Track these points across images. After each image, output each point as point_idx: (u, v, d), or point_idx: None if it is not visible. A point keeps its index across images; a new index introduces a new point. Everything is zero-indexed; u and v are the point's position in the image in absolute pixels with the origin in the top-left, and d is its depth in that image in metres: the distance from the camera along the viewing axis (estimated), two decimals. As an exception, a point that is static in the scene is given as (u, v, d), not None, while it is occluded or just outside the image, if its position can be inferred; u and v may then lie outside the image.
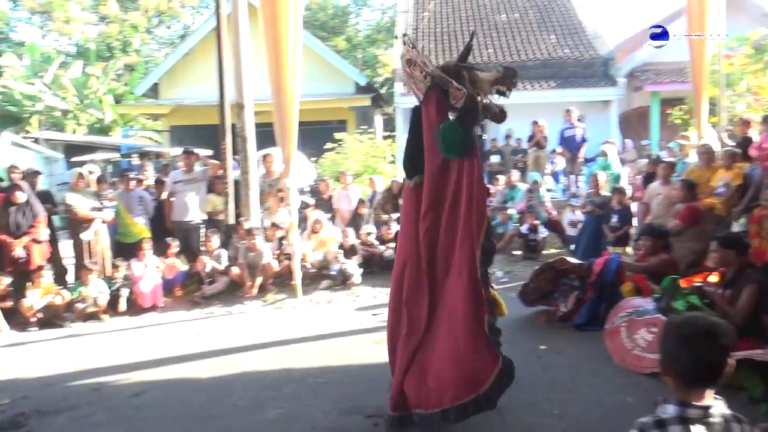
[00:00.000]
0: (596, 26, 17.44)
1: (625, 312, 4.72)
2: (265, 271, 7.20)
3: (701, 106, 7.55)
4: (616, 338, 4.58)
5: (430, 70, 3.33)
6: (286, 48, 6.18)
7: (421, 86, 3.50)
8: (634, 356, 4.31)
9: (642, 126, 16.32)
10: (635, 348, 4.37)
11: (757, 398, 3.53)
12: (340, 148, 11.74)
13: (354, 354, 4.83)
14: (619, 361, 4.36)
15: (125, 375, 4.64)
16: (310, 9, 30.14)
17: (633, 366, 4.23)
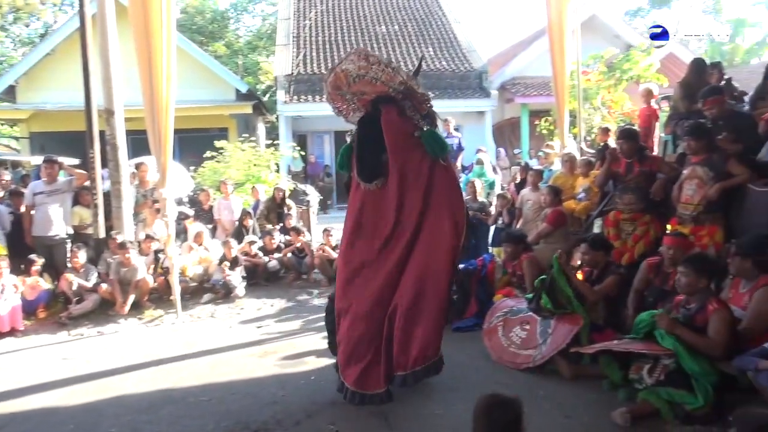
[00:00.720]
0: (470, 41, 18.36)
1: (501, 312, 4.99)
2: (140, 288, 6.80)
3: (563, 117, 8.18)
4: (493, 337, 4.83)
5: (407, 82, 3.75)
6: (159, 51, 5.91)
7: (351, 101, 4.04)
8: (510, 353, 4.57)
9: (514, 135, 17.43)
10: (511, 345, 4.64)
11: (616, 384, 3.87)
12: (220, 157, 11.37)
13: (238, 369, 4.69)
14: (496, 359, 4.59)
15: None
16: (187, 12, 29.03)
17: (509, 363, 4.48)
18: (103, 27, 7.01)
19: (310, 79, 16.17)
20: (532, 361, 4.36)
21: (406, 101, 3.87)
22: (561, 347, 4.27)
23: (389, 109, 3.85)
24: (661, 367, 3.55)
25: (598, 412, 3.60)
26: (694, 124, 5.06)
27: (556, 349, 4.28)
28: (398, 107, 3.86)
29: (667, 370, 3.51)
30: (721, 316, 3.57)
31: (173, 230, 6.55)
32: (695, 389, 3.35)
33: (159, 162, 6.30)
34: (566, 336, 4.30)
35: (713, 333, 3.53)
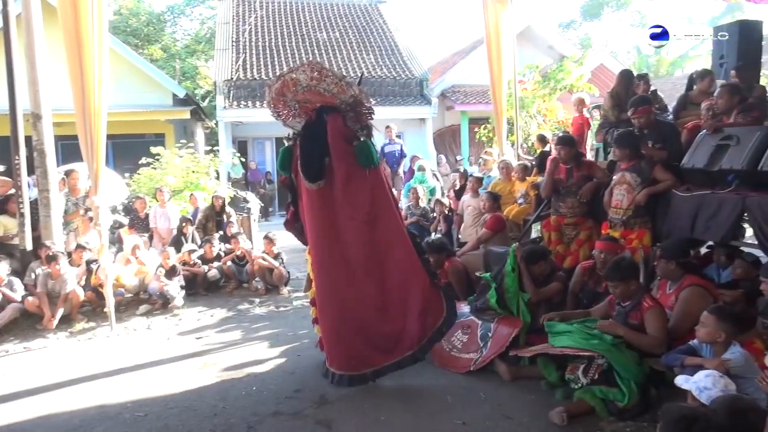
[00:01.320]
0: (411, 48, 18.58)
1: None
2: (70, 300, 6.50)
3: (501, 125, 8.40)
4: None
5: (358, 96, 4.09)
6: (90, 53, 5.68)
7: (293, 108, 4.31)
8: (452, 357, 4.64)
9: (454, 142, 17.74)
10: (452, 350, 4.71)
11: (553, 385, 4.00)
12: (157, 163, 11.04)
13: (176, 382, 4.55)
14: (438, 362, 4.65)
15: None
16: (121, 14, 28.08)
17: (451, 367, 4.55)
18: (29, 27, 6.68)
19: (250, 85, 15.95)
20: (473, 364, 4.44)
21: (350, 112, 4.16)
22: (501, 350, 4.37)
23: (335, 118, 4.15)
24: (595, 367, 3.70)
25: (536, 412, 3.70)
26: (622, 133, 5.30)
27: (496, 353, 4.38)
28: (342, 117, 4.16)
29: (600, 369, 3.66)
30: (656, 314, 3.79)
31: (107, 239, 6.30)
32: (621, 387, 3.52)
33: (91, 169, 6.05)
34: (506, 339, 4.41)
35: (653, 330, 3.75)
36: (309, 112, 4.25)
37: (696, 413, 2.43)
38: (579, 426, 3.49)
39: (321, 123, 4.18)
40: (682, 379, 3.21)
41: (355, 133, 4.18)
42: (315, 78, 4.10)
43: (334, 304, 4.20)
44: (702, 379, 3.05)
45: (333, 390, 4.18)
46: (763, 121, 4.85)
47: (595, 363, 3.71)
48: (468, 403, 3.89)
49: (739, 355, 3.22)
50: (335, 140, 4.13)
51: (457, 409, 3.81)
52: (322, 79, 4.10)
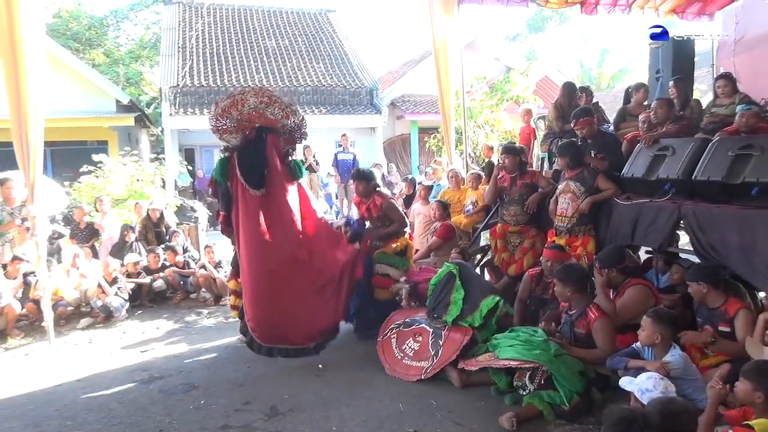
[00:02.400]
0: (360, 58, 18.67)
1: (394, 324, 5.07)
2: (6, 315, 6.19)
3: (449, 134, 8.52)
4: (387, 349, 4.89)
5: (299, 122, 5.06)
6: (23, 57, 5.46)
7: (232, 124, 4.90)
8: (403, 365, 4.65)
9: (405, 151, 17.88)
10: (404, 357, 4.72)
11: (503, 390, 4.07)
12: (99, 172, 10.67)
13: (120, 397, 4.38)
14: (390, 371, 4.65)
15: None
16: (60, 17, 27.07)
17: (402, 375, 4.56)
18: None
19: (197, 92, 15.68)
20: (423, 372, 4.46)
21: (285, 134, 5.05)
22: (451, 359, 4.41)
23: (274, 138, 4.96)
24: (540, 373, 3.80)
25: (486, 417, 3.75)
26: (565, 143, 5.47)
27: (446, 362, 4.42)
28: (279, 136, 5.01)
29: (545, 375, 3.76)
30: (603, 324, 3.92)
31: (44, 251, 6.03)
32: (561, 393, 3.63)
33: (27, 177, 5.79)
34: (456, 347, 4.45)
35: (601, 343, 3.90)
36: (247, 129, 4.92)
37: (634, 414, 2.52)
38: (528, 430, 3.56)
39: (260, 140, 4.90)
40: (626, 380, 3.33)
41: (286, 151, 5.09)
42: (264, 102, 4.85)
43: (264, 286, 4.79)
44: (644, 381, 3.17)
45: (283, 401, 4.13)
46: (693, 130, 5.11)
47: (540, 370, 3.81)
48: (419, 411, 3.91)
49: (678, 358, 3.36)
50: (273, 156, 4.90)
51: (409, 417, 3.82)
52: (270, 104, 4.87)
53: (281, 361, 5.01)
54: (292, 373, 4.76)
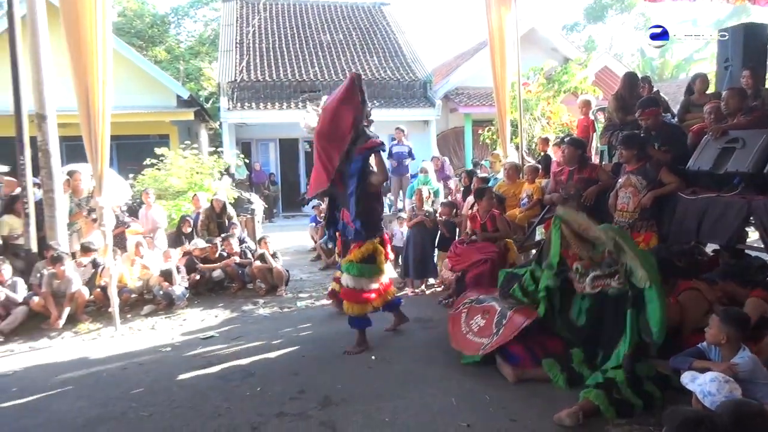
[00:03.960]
0: (415, 50, 18.59)
1: (468, 299, 5.09)
2: (76, 300, 6.51)
3: (505, 127, 8.38)
4: (455, 323, 4.92)
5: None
6: (93, 54, 5.69)
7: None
8: (466, 339, 4.65)
9: (458, 144, 17.72)
10: (468, 333, 4.70)
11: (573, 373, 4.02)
12: (161, 164, 11.05)
13: (180, 382, 4.55)
14: (454, 344, 4.69)
15: None
16: (125, 15, 28.15)
17: (464, 348, 4.58)
18: (33, 28, 6.71)
19: (254, 86, 15.98)
20: (482, 348, 4.43)
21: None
22: (510, 337, 4.34)
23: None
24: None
25: (541, 413, 3.68)
26: (628, 135, 5.29)
27: (504, 341, 4.35)
28: None
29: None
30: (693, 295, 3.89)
31: (110, 240, 6.31)
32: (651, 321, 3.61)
33: (95, 169, 6.06)
34: (517, 328, 4.37)
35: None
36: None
37: (700, 416, 2.42)
38: (584, 428, 3.47)
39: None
40: (689, 377, 3.19)
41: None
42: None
43: None
44: (707, 383, 3.02)
45: (337, 392, 4.17)
46: (766, 122, 4.84)
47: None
48: (472, 405, 3.87)
49: (747, 360, 3.20)
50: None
51: (462, 411, 3.79)
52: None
53: (335, 352, 5.08)
54: (345, 364, 4.81)
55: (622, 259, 3.89)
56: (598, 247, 4.13)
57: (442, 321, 5.89)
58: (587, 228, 4.19)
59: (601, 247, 4.09)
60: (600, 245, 4.11)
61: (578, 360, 4.13)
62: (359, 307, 5.12)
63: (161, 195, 10.22)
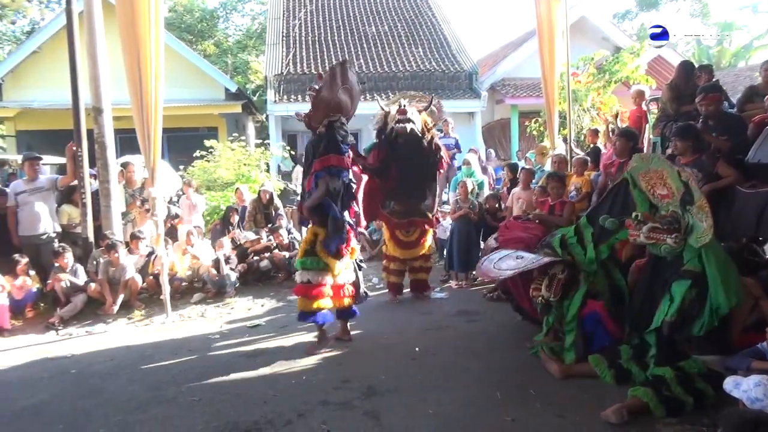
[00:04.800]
0: (460, 41, 18.38)
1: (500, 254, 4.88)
2: (129, 287, 6.75)
3: (553, 119, 8.21)
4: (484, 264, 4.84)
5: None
6: (147, 49, 5.86)
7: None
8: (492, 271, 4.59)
9: (504, 137, 17.46)
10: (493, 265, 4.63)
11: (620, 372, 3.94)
12: (210, 156, 11.31)
13: (228, 369, 4.65)
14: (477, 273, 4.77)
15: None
16: (176, 11, 28.84)
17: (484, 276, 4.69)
18: (90, 25, 6.95)
19: (300, 79, 16.11)
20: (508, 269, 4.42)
21: None
22: (537, 266, 4.33)
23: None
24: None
25: (589, 410, 3.60)
26: (684, 125, 5.09)
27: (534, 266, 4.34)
28: None
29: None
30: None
31: (162, 230, 6.50)
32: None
33: (148, 161, 6.25)
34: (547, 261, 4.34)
35: None
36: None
37: (761, 418, 2.32)
38: (633, 426, 3.38)
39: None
40: (731, 383, 3.06)
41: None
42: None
43: None
44: (752, 388, 2.88)
45: (380, 382, 4.19)
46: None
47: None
48: (518, 400, 3.83)
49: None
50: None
51: (507, 405, 3.75)
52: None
53: (378, 342, 5.11)
54: (389, 355, 4.83)
55: (685, 218, 3.78)
56: (661, 209, 4.01)
57: (486, 314, 5.86)
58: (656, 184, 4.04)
59: (664, 209, 3.97)
60: (664, 207, 3.98)
61: (626, 356, 4.02)
62: (304, 302, 4.96)
63: (210, 186, 10.47)
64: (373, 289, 7.26)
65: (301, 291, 4.97)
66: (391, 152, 6.18)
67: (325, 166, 4.87)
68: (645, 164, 4.14)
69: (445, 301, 6.59)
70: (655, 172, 4.01)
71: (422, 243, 6.55)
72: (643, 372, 3.80)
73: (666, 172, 3.92)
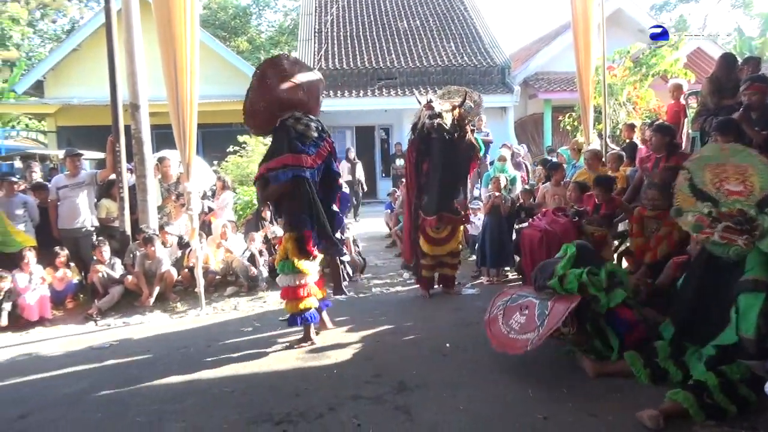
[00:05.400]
0: (493, 35, 18.21)
1: (501, 301, 4.80)
2: (165, 280, 6.89)
3: (588, 113, 8.07)
4: (494, 326, 4.63)
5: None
6: (183, 46, 5.96)
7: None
8: (510, 340, 4.39)
9: (537, 131, 17.26)
10: (510, 332, 4.45)
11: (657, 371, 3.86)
12: (243, 151, 11.46)
13: (260, 361, 4.72)
14: (497, 346, 4.42)
15: (8, 395, 4.27)
16: (210, 8, 29.27)
17: (509, 349, 4.32)
18: (128, 23, 7.09)
19: (332, 75, 16.20)
20: (530, 343, 4.19)
21: None
22: (557, 325, 4.17)
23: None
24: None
25: (623, 410, 3.54)
26: (723, 120, 4.95)
27: (551, 329, 4.16)
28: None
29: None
30: None
31: (197, 223, 6.62)
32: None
33: (183, 156, 6.36)
34: (562, 314, 4.18)
35: None
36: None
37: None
38: (669, 427, 3.31)
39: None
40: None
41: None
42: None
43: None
44: None
45: (411, 377, 4.20)
46: None
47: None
48: (550, 398, 3.79)
49: None
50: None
51: (538, 403, 3.72)
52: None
53: (409, 337, 5.12)
54: (419, 350, 4.83)
55: (760, 220, 3.54)
56: (722, 205, 3.75)
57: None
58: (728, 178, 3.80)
59: (726, 206, 3.70)
60: (727, 203, 3.71)
61: (663, 355, 3.93)
62: (291, 305, 5.01)
63: (243, 181, 10.61)
64: (404, 284, 7.27)
65: (285, 294, 5.06)
66: (424, 148, 6.17)
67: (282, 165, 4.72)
68: (724, 156, 3.91)
69: (476, 297, 6.55)
70: (735, 167, 3.78)
71: (452, 240, 6.52)
72: (680, 372, 3.71)
73: (753, 168, 3.70)
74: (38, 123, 22.29)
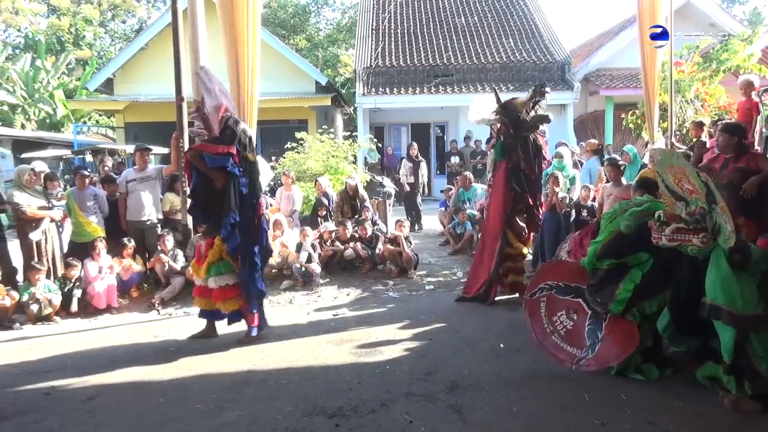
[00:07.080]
0: (552, 31, 17.81)
1: (546, 284, 4.48)
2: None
3: (653, 111, 7.79)
4: (534, 314, 4.44)
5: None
6: (245, 45, 6.11)
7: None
8: (552, 343, 4.29)
9: (597, 129, 16.77)
10: (554, 333, 4.31)
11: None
12: (300, 148, 11.65)
13: (315, 355, 4.81)
14: (537, 343, 4.32)
15: (78, 379, 4.50)
16: (270, 7, 29.85)
17: (550, 354, 4.23)
18: (193, 22, 7.30)
19: (388, 72, 16.23)
20: (576, 362, 4.08)
21: None
22: (610, 365, 4.04)
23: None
24: None
25: (684, 418, 3.42)
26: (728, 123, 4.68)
27: (602, 366, 4.02)
28: None
29: None
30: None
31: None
32: None
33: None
34: (613, 358, 4.03)
35: None
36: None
37: None
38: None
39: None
40: None
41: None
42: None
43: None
44: None
45: (464, 377, 4.18)
46: None
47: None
48: (606, 403, 3.69)
49: None
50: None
51: (594, 408, 3.63)
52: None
53: (462, 336, 5.09)
54: (473, 349, 4.80)
55: (713, 217, 3.53)
56: (691, 204, 3.71)
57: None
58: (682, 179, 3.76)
59: (694, 204, 3.68)
60: (693, 202, 3.70)
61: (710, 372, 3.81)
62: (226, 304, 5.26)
63: (300, 177, 10.78)
64: (457, 282, 7.23)
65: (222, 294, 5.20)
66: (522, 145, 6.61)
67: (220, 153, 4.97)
68: (669, 158, 3.94)
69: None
70: (678, 168, 3.77)
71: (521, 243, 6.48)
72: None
73: (687, 170, 3.69)
74: (108, 119, 23.35)
